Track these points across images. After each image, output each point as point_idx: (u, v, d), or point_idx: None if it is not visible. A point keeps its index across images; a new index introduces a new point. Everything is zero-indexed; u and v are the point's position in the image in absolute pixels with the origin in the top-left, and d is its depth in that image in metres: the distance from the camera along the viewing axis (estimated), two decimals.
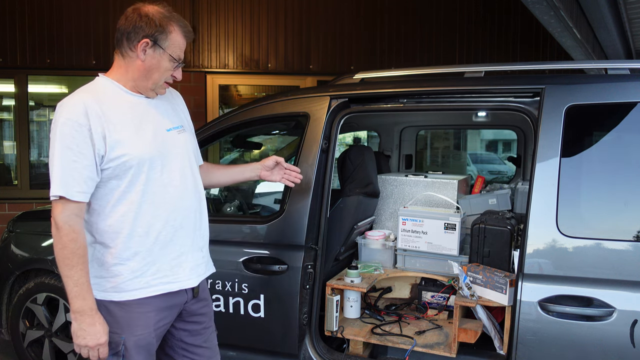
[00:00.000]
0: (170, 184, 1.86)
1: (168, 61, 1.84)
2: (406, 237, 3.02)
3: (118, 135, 1.75)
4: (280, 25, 6.35)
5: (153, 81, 1.85)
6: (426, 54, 6.44)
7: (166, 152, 1.86)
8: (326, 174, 2.64)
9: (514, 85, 2.43)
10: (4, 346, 3.71)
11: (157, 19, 1.79)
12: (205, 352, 2.05)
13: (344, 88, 2.76)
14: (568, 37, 4.28)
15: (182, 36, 1.85)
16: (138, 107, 1.86)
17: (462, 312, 2.61)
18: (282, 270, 2.58)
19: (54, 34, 6.06)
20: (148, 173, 1.80)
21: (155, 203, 1.83)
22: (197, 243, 1.98)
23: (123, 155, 1.75)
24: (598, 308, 2.06)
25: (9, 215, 5.71)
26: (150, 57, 1.82)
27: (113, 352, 1.81)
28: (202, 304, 2.04)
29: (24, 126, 6.17)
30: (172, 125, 1.93)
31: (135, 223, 1.80)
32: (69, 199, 1.70)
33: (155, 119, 1.88)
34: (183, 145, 1.94)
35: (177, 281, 1.90)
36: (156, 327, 1.88)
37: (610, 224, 2.17)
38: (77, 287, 1.72)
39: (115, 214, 1.80)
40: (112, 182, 1.78)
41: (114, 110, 1.78)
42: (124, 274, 1.81)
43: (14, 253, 3.32)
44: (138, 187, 1.80)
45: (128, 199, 1.79)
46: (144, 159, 1.79)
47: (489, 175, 9.69)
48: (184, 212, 1.91)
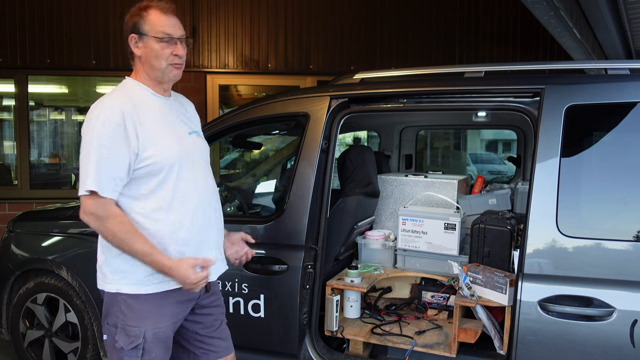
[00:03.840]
0: (196, 184, 1.95)
1: (156, 43, 1.87)
2: (406, 237, 3.02)
3: (151, 136, 1.84)
4: (280, 25, 6.35)
5: (157, 67, 1.90)
6: (426, 54, 6.44)
7: (190, 154, 1.95)
8: (326, 174, 2.64)
9: (514, 85, 2.43)
10: (4, 346, 3.71)
11: (134, 11, 1.89)
12: (220, 343, 2.13)
13: (344, 88, 2.76)
14: (568, 37, 4.29)
15: (160, 14, 1.88)
16: (164, 110, 1.95)
17: (462, 312, 2.61)
18: (282, 270, 2.58)
19: (54, 34, 6.06)
20: (179, 172, 1.89)
21: (183, 201, 1.90)
22: (215, 241, 2.06)
23: (155, 155, 1.83)
24: (598, 308, 2.06)
25: (9, 215, 5.72)
26: (143, 48, 1.88)
27: (133, 345, 1.86)
28: (213, 297, 2.13)
29: (24, 126, 6.17)
30: (191, 130, 2.03)
31: (165, 220, 1.87)
32: (100, 195, 1.77)
33: (178, 122, 1.98)
34: (202, 149, 2.05)
35: None
36: (174, 320, 1.96)
37: (610, 224, 2.17)
38: (149, 255, 1.81)
39: (144, 212, 1.86)
40: (144, 180, 1.85)
41: (145, 111, 1.86)
42: (147, 269, 1.87)
43: (14, 253, 3.32)
44: (168, 186, 1.87)
45: (158, 197, 1.87)
46: (174, 159, 1.88)
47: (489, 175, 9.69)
48: (208, 210, 2.00)
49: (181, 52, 1.91)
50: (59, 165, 6.91)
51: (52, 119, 7.13)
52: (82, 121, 7.51)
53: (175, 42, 1.89)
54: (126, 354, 1.87)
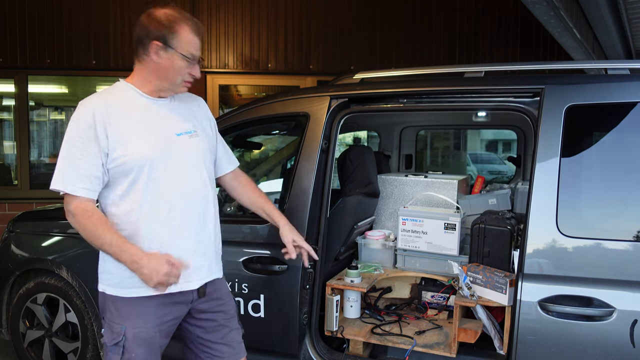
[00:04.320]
0: (171, 187, 1.90)
1: (180, 60, 1.87)
2: (406, 237, 3.02)
3: (120, 136, 1.82)
4: (280, 25, 6.35)
5: (170, 81, 1.91)
6: (426, 54, 6.44)
7: (170, 155, 1.90)
8: (326, 174, 2.64)
9: (514, 85, 2.43)
10: (4, 346, 3.71)
11: (164, 21, 1.85)
12: (225, 349, 2.08)
13: (344, 88, 2.76)
14: (568, 38, 4.29)
15: (191, 34, 1.88)
16: (149, 111, 1.92)
17: (462, 312, 2.61)
18: (282, 270, 2.58)
19: (54, 34, 6.06)
20: (149, 174, 1.85)
21: (155, 203, 1.87)
22: (199, 247, 1.98)
23: (124, 155, 1.82)
24: (598, 308, 2.06)
25: (9, 215, 5.72)
26: (163, 58, 1.87)
27: (114, 342, 1.88)
28: (215, 303, 2.07)
29: (24, 126, 6.17)
30: (184, 130, 1.97)
31: (137, 223, 1.86)
32: (71, 194, 1.79)
33: (164, 123, 1.94)
34: (193, 150, 1.97)
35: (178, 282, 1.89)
36: (159, 322, 1.93)
37: (610, 224, 2.17)
38: (113, 246, 1.79)
39: (119, 213, 1.87)
40: (117, 181, 1.85)
41: (121, 112, 1.85)
42: (125, 271, 1.85)
43: (14, 253, 3.32)
44: (139, 187, 1.85)
45: (131, 198, 1.86)
46: (144, 160, 1.84)
47: (489, 175, 9.69)
48: (185, 215, 1.93)
49: (198, 74, 1.94)
50: None
51: (52, 119, 7.13)
52: None
53: (195, 63, 1.92)
54: (109, 350, 1.89)
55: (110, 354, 1.89)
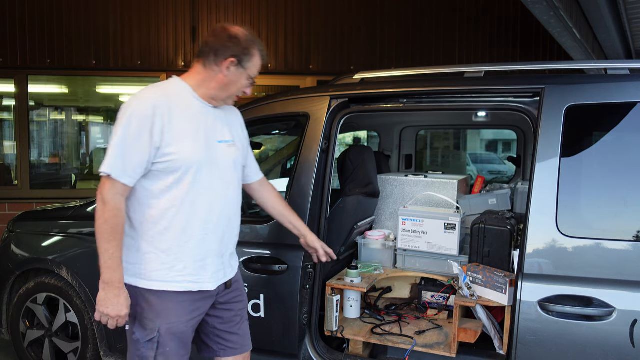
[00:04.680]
0: (212, 190, 2.00)
1: (245, 80, 2.03)
2: (406, 237, 3.02)
3: (175, 134, 1.89)
4: (280, 25, 6.35)
5: (228, 94, 2.04)
6: (426, 54, 6.44)
7: (214, 160, 2.01)
8: (326, 174, 2.64)
9: (514, 85, 2.43)
10: (4, 346, 3.71)
11: (243, 42, 1.98)
12: (237, 339, 2.20)
13: (344, 88, 2.76)
14: (568, 38, 4.28)
15: (260, 59, 2.05)
16: (201, 114, 2.01)
17: (462, 312, 2.61)
18: (282, 270, 2.58)
19: (54, 34, 6.06)
20: (195, 175, 1.94)
21: (195, 204, 1.96)
22: (222, 249, 2.09)
23: (175, 153, 1.89)
24: (598, 308, 2.06)
25: (9, 215, 5.72)
26: (232, 74, 1.99)
27: (148, 338, 1.94)
28: (235, 294, 2.18)
29: (24, 126, 6.17)
30: (224, 138, 2.08)
31: (174, 219, 1.93)
32: (114, 178, 1.84)
33: (211, 129, 2.03)
34: (230, 158, 2.09)
35: (199, 282, 2.01)
36: (190, 317, 2.01)
37: (610, 224, 2.17)
38: (111, 260, 1.85)
39: (158, 207, 1.93)
40: (161, 176, 1.92)
41: (179, 111, 1.93)
42: (154, 264, 1.94)
43: (14, 253, 3.32)
44: (183, 186, 1.93)
45: (172, 195, 1.93)
46: (192, 162, 1.93)
47: (489, 175, 9.70)
48: (219, 218, 2.04)
49: (249, 93, 2.10)
50: (59, 165, 6.92)
51: (52, 119, 7.13)
52: (82, 121, 7.54)
53: (252, 84, 2.08)
54: (142, 346, 1.95)
55: (144, 350, 1.95)
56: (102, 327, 2.99)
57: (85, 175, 7.12)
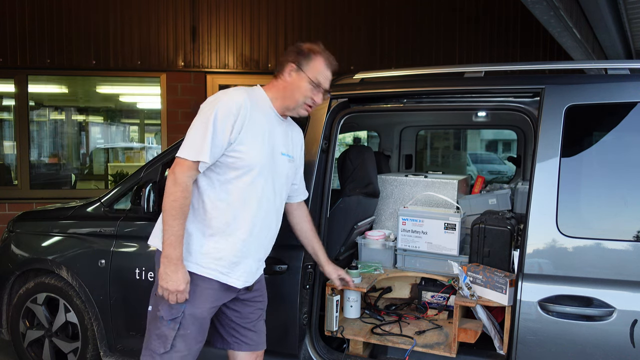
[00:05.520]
0: (264, 195, 2.12)
1: (307, 83, 2.13)
2: (406, 237, 3.02)
3: (249, 136, 2.03)
4: (280, 25, 6.35)
5: (295, 100, 2.15)
6: (426, 54, 6.44)
7: (273, 169, 2.15)
8: (326, 174, 2.64)
9: (514, 85, 2.43)
10: (4, 346, 3.71)
11: (305, 50, 2.15)
12: (253, 336, 2.28)
13: (344, 88, 2.76)
14: (568, 37, 4.28)
15: (323, 64, 2.15)
16: (273, 125, 2.16)
17: (462, 312, 2.61)
18: (282, 270, 2.58)
19: (54, 34, 6.06)
20: (254, 177, 2.07)
21: (246, 204, 2.07)
22: (259, 254, 2.20)
23: (244, 152, 2.03)
24: (598, 308, 2.06)
25: (9, 215, 5.72)
26: (293, 78, 2.14)
27: (172, 317, 2.04)
28: (256, 293, 2.28)
29: (24, 126, 6.17)
30: (287, 152, 2.24)
31: (225, 211, 2.05)
32: (194, 162, 1.97)
33: (278, 140, 2.18)
34: (286, 172, 2.24)
35: (228, 275, 2.10)
36: (213, 305, 2.12)
37: (610, 224, 2.17)
38: (174, 236, 1.97)
39: (215, 196, 2.05)
40: (225, 169, 2.05)
41: (258, 116, 2.08)
42: (196, 247, 2.06)
43: (14, 253, 3.32)
44: (240, 184, 2.06)
45: (228, 190, 2.05)
46: (256, 164, 2.06)
47: (489, 175, 9.70)
48: (263, 222, 2.15)
49: (319, 101, 2.18)
50: (59, 165, 6.92)
51: (52, 119, 7.14)
52: (82, 121, 7.54)
53: (320, 91, 2.15)
54: (164, 324, 2.04)
55: (164, 328, 2.04)
56: (102, 327, 2.99)
57: (85, 175, 7.12)
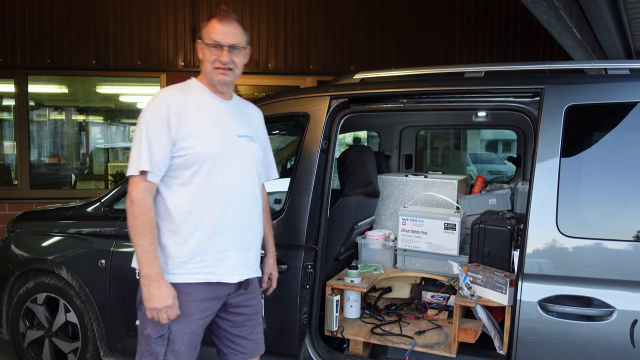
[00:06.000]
0: (228, 183, 2.02)
1: (206, 49, 2.02)
2: (406, 237, 3.02)
3: (191, 129, 1.95)
4: (280, 26, 6.35)
5: (208, 72, 2.04)
6: (426, 54, 6.44)
7: (231, 154, 2.04)
8: (326, 174, 2.64)
9: (514, 85, 2.43)
10: (4, 346, 3.71)
11: (203, 23, 2.05)
12: (248, 345, 2.18)
13: (344, 88, 2.76)
14: (568, 37, 4.28)
15: (215, 22, 2.01)
16: (217, 109, 2.07)
17: (462, 312, 2.61)
18: (282, 270, 2.58)
19: (54, 34, 6.05)
20: (210, 168, 1.98)
21: (211, 197, 1.99)
22: (244, 244, 2.10)
23: (190, 147, 1.95)
24: (598, 308, 2.06)
25: (9, 215, 5.71)
26: (200, 52, 2.06)
27: (159, 334, 1.97)
28: (246, 297, 2.16)
29: (24, 126, 6.17)
30: (244, 133, 2.12)
31: (191, 212, 1.97)
32: (145, 178, 1.92)
33: (229, 123, 2.08)
34: (249, 153, 2.12)
35: (217, 273, 2.02)
36: (200, 316, 2.02)
37: (610, 224, 2.17)
38: (146, 254, 1.90)
39: (176, 200, 1.98)
40: (179, 170, 1.97)
41: (194, 107, 2.00)
42: (172, 257, 1.98)
43: (14, 253, 3.32)
44: (199, 179, 1.97)
45: (188, 189, 1.98)
46: (208, 154, 1.97)
47: (489, 175, 9.69)
48: (236, 210, 2.05)
49: (224, 59, 2.00)
50: (59, 165, 6.91)
51: (52, 119, 7.13)
52: (82, 121, 7.53)
53: (220, 49, 2.00)
54: (153, 342, 1.97)
55: (154, 346, 1.97)
56: (102, 327, 2.99)
57: (85, 175, 7.12)
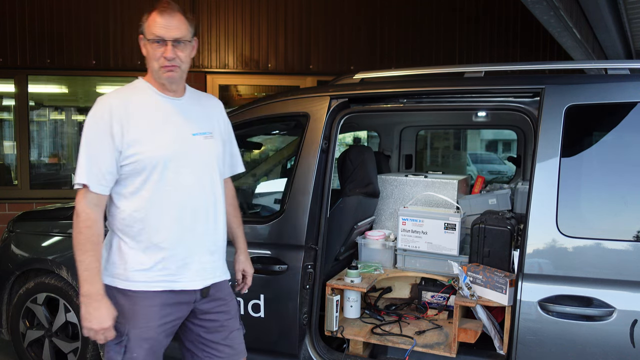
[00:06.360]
0: (182, 186, 1.91)
1: (149, 44, 1.88)
2: (406, 237, 3.02)
3: (136, 134, 1.85)
4: (280, 25, 6.35)
5: (152, 69, 1.92)
6: (426, 54, 6.44)
7: (184, 155, 1.92)
8: (326, 174, 2.64)
9: (514, 85, 2.43)
10: (4, 346, 3.71)
11: (144, 17, 1.91)
12: (225, 350, 2.08)
13: (344, 88, 2.76)
14: (568, 37, 4.28)
15: (157, 16, 1.87)
16: (165, 109, 1.94)
17: (462, 312, 2.61)
18: (282, 270, 2.58)
19: (54, 34, 6.05)
20: (161, 173, 1.87)
21: (164, 202, 1.89)
22: (207, 247, 2.00)
23: (137, 153, 1.84)
24: (598, 308, 2.06)
25: (9, 215, 5.71)
26: (144, 49, 1.92)
27: (117, 341, 1.88)
28: (216, 303, 2.06)
29: (24, 126, 6.17)
30: (200, 131, 1.99)
31: (146, 220, 1.88)
32: (89, 190, 1.82)
33: (181, 122, 1.95)
34: (207, 151, 2.00)
35: (180, 281, 1.93)
36: (161, 322, 1.92)
37: (610, 224, 2.17)
38: (87, 271, 1.81)
39: (129, 209, 1.89)
40: (130, 178, 1.88)
41: (138, 110, 1.88)
42: (133, 264, 1.89)
43: (14, 253, 3.32)
44: (150, 186, 1.87)
45: (140, 196, 1.88)
46: (157, 159, 1.86)
47: (489, 175, 9.69)
48: (195, 214, 1.95)
49: (169, 55, 1.86)
50: (59, 165, 6.91)
51: (52, 119, 7.13)
52: (82, 121, 7.52)
53: (164, 44, 1.86)
54: (112, 349, 1.89)
55: (112, 353, 1.89)
56: None
57: None
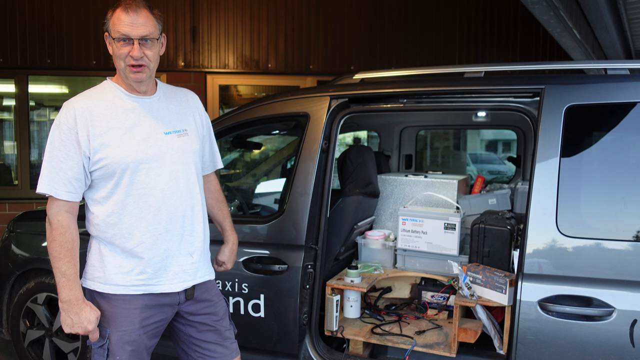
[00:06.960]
0: (155, 188, 1.86)
1: (115, 43, 1.82)
2: (406, 237, 3.02)
3: (103, 139, 1.80)
4: (280, 25, 6.36)
5: (119, 69, 1.86)
6: (426, 54, 6.44)
7: (156, 156, 1.86)
8: (326, 174, 2.64)
9: (514, 85, 2.43)
10: (4, 346, 3.71)
11: (108, 14, 1.85)
12: (217, 349, 2.05)
13: (344, 88, 2.76)
14: (568, 38, 4.28)
15: (120, 11, 1.80)
16: (134, 110, 1.88)
17: (462, 312, 2.61)
18: (282, 270, 2.58)
19: (54, 34, 6.06)
20: (132, 176, 1.83)
21: (138, 205, 1.85)
22: (185, 248, 1.95)
23: (105, 157, 1.80)
24: (598, 308, 2.06)
25: (9, 215, 5.72)
26: (110, 47, 1.86)
27: (99, 344, 1.86)
28: (203, 305, 2.03)
29: (24, 126, 6.17)
30: (172, 129, 1.93)
31: (119, 225, 1.85)
32: (55, 197, 1.79)
33: (151, 122, 1.89)
34: (181, 149, 1.93)
35: (159, 284, 1.90)
36: (143, 324, 1.89)
37: (610, 224, 2.17)
38: (64, 278, 1.79)
39: (102, 214, 1.86)
40: (101, 183, 1.85)
41: (105, 114, 1.83)
42: (112, 268, 1.87)
43: (14, 253, 3.32)
44: (122, 189, 1.83)
45: (112, 201, 1.85)
46: (126, 163, 1.81)
47: (489, 175, 9.69)
48: (170, 216, 1.89)
49: (136, 54, 1.79)
50: None
51: (53, 119, 7.11)
52: None
53: (130, 43, 1.80)
54: (95, 352, 1.87)
55: (96, 355, 1.87)
56: None
57: None
